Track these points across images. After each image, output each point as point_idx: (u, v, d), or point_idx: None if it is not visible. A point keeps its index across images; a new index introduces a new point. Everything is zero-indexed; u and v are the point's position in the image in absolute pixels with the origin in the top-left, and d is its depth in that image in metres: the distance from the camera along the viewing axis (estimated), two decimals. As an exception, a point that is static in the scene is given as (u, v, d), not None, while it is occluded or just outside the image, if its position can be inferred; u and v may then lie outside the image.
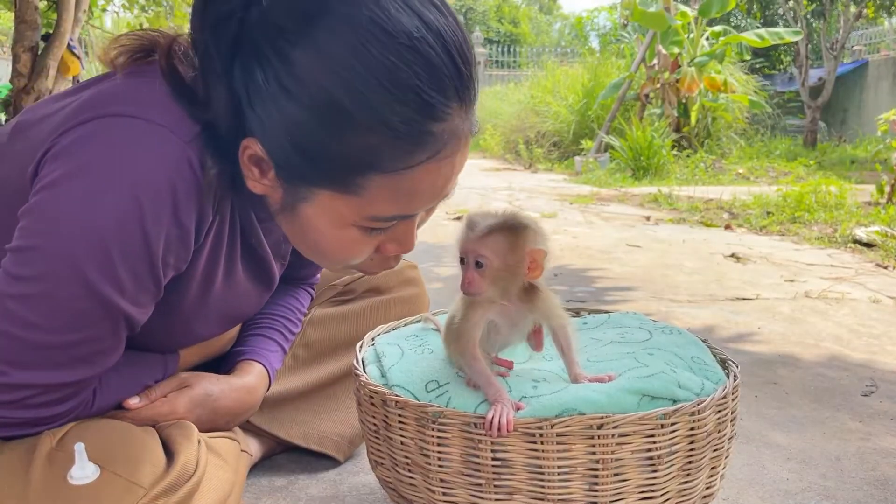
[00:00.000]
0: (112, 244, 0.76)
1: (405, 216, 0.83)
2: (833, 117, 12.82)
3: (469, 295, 0.91)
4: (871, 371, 1.86)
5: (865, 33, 14.09)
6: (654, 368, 0.93)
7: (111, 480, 0.81)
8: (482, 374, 0.89)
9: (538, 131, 10.55)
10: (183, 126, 0.79)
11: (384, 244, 0.87)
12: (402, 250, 0.89)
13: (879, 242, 3.61)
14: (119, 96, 0.82)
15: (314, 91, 0.73)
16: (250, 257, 1.00)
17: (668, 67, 8.54)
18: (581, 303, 2.50)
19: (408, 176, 0.77)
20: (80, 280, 0.76)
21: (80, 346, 0.81)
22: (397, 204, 0.80)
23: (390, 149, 0.75)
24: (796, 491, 1.23)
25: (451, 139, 0.78)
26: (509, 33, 24.86)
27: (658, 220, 4.71)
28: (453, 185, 0.84)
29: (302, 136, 0.75)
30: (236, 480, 0.97)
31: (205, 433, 0.98)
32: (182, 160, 0.78)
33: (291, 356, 1.29)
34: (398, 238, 0.87)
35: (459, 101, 0.77)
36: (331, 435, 1.28)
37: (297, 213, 0.83)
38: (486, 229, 0.90)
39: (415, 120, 0.74)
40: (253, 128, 0.78)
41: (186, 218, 0.80)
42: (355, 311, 1.34)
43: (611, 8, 16.82)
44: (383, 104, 0.73)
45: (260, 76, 0.75)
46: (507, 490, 0.85)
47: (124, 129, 0.78)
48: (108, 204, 0.76)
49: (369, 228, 0.83)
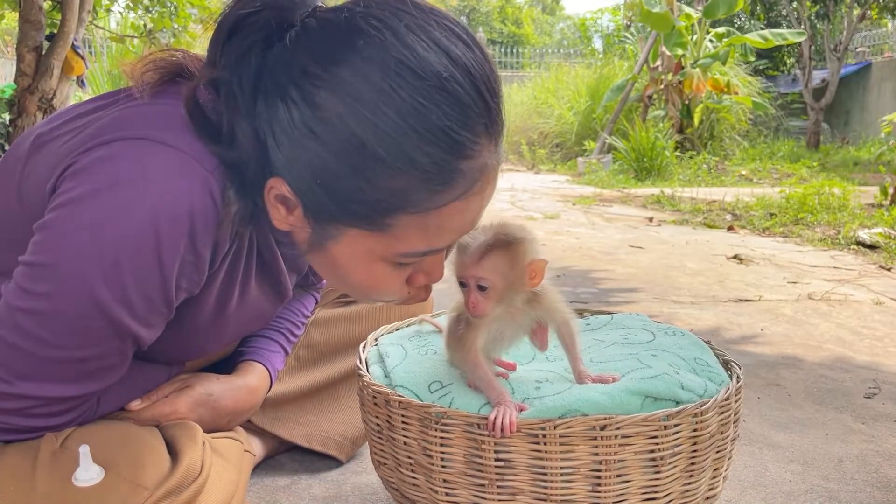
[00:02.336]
0: (125, 267, 0.76)
1: (435, 251, 0.82)
2: (836, 119, 12.80)
3: (477, 318, 0.90)
4: (873, 373, 1.85)
5: (869, 35, 14.08)
6: (657, 370, 0.93)
7: (116, 482, 0.81)
8: (484, 379, 0.89)
9: (541, 132, 10.55)
10: (208, 156, 0.78)
11: (414, 276, 0.87)
12: (430, 281, 0.89)
13: (882, 244, 3.61)
14: (145, 119, 0.81)
15: (342, 135, 0.72)
16: (264, 274, 0.99)
17: (672, 69, 8.54)
18: (584, 304, 2.50)
19: (437, 213, 0.77)
20: (91, 300, 0.76)
21: (87, 362, 0.80)
22: (426, 240, 0.80)
23: (420, 190, 0.75)
24: (799, 493, 1.23)
25: (480, 175, 0.77)
26: (512, 34, 24.86)
27: (661, 221, 4.71)
28: (481, 215, 0.84)
29: (330, 178, 0.74)
30: (240, 481, 0.97)
31: (207, 433, 0.98)
32: (205, 191, 0.77)
33: (294, 357, 1.29)
34: (427, 269, 0.87)
35: (489, 136, 0.77)
36: (333, 435, 1.28)
37: (326, 250, 0.82)
38: (481, 251, 0.88)
39: (444, 160, 0.74)
40: (279, 167, 0.77)
41: (203, 247, 0.80)
42: (359, 313, 1.34)
43: (614, 9, 16.80)
44: (413, 147, 0.72)
45: (285, 116, 0.74)
46: (510, 491, 0.85)
47: (148, 152, 0.77)
48: (125, 226, 0.75)
49: (398, 263, 0.82)
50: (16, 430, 0.84)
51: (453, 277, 0.92)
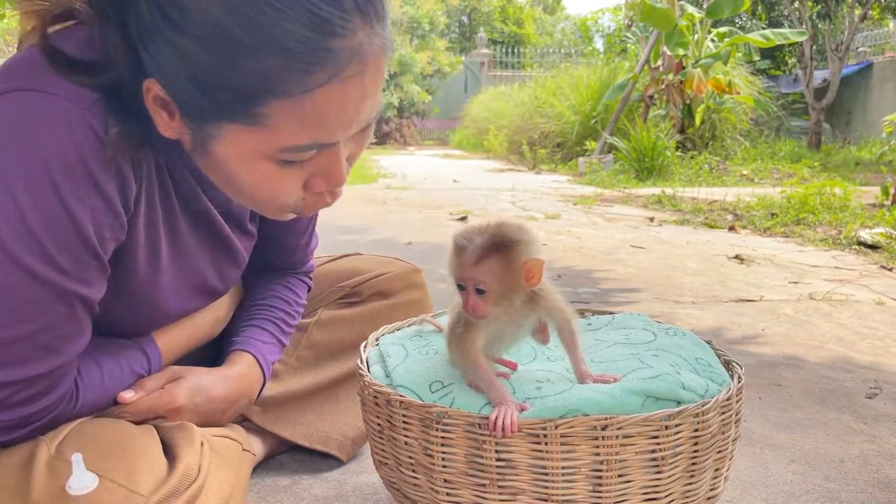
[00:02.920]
0: (36, 226, 0.75)
1: (320, 145, 0.78)
2: (838, 119, 12.79)
3: (476, 319, 0.90)
4: (875, 373, 1.85)
5: (870, 35, 14.06)
6: (658, 370, 0.93)
7: (110, 489, 0.79)
8: (485, 379, 0.89)
9: (542, 132, 10.55)
10: (81, 91, 0.76)
11: (311, 180, 0.83)
12: (331, 185, 0.84)
13: (884, 244, 3.61)
14: (10, 69, 0.79)
15: (199, 19, 0.70)
16: (194, 220, 0.98)
17: (673, 69, 8.53)
18: (585, 304, 2.50)
19: (310, 100, 0.73)
20: (14, 266, 0.75)
21: (40, 335, 0.79)
22: (306, 132, 0.76)
23: (286, 71, 0.71)
24: (800, 493, 1.23)
25: (354, 57, 0.73)
26: (513, 34, 24.86)
27: (662, 221, 4.71)
28: (371, 109, 0.79)
29: (195, 68, 0.72)
30: (238, 481, 0.96)
31: (205, 428, 0.98)
32: (86, 130, 0.76)
33: (296, 357, 1.29)
34: (324, 171, 0.82)
35: (361, 14, 0.73)
36: (334, 435, 1.28)
37: (209, 152, 0.79)
38: (477, 253, 0.88)
39: (308, 38, 0.70)
40: (150, 68, 0.75)
41: (107, 186, 0.79)
42: (361, 314, 1.33)
43: (615, 9, 16.80)
44: (272, 24, 0.69)
45: (146, 12, 0.72)
46: (511, 491, 0.85)
47: (19, 104, 0.76)
48: (21, 186, 0.74)
49: (284, 161, 0.78)
50: (2, 428, 0.83)
51: (452, 278, 0.92)
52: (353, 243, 3.56)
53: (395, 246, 3.61)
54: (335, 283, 1.35)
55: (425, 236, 3.89)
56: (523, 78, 15.18)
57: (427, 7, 16.94)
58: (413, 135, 17.48)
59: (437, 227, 4.26)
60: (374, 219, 4.57)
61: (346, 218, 4.50)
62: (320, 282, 1.34)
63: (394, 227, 4.28)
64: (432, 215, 4.79)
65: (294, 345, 1.29)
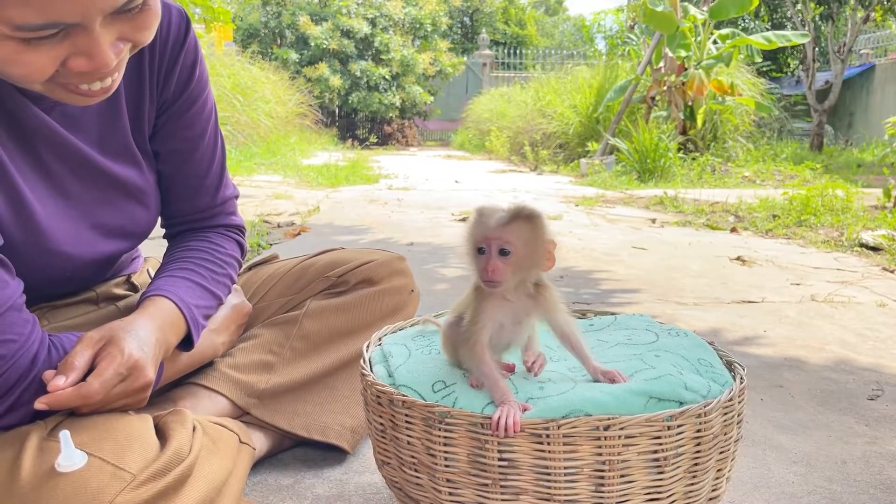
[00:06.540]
0: None
1: (57, 24, 0.75)
2: (840, 121, 12.79)
3: (491, 284, 0.90)
4: (877, 375, 1.85)
5: (873, 37, 14.06)
6: (660, 370, 0.93)
7: (98, 467, 0.80)
8: (490, 377, 0.90)
9: (544, 133, 10.55)
10: None
11: (71, 59, 0.81)
12: (93, 66, 0.81)
13: (886, 246, 3.60)
14: None
15: None
16: (49, 148, 0.96)
17: (675, 70, 8.53)
18: (587, 304, 2.50)
19: None
20: None
21: None
22: (33, 10, 0.73)
23: None
24: (802, 494, 1.23)
25: None
26: (516, 35, 24.86)
27: (664, 222, 4.70)
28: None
29: None
30: (235, 471, 0.96)
31: (174, 377, 0.99)
32: None
33: (290, 348, 1.29)
34: (83, 52, 0.80)
35: None
36: (333, 425, 1.28)
37: None
38: (508, 216, 0.90)
39: None
40: None
41: None
42: (350, 302, 1.35)
43: (617, 10, 16.80)
44: None
45: None
46: (514, 490, 0.85)
47: None
48: None
49: (25, 39, 0.76)
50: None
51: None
52: (354, 244, 3.56)
53: (396, 246, 3.61)
54: (321, 275, 1.37)
55: (427, 237, 3.89)
56: (525, 79, 15.18)
57: (429, 8, 16.92)
58: (415, 136, 17.49)
59: (438, 228, 4.26)
60: (376, 219, 4.57)
61: (348, 218, 4.50)
62: (305, 274, 1.37)
63: (395, 227, 4.28)
64: (434, 216, 4.79)
65: (286, 337, 1.30)
